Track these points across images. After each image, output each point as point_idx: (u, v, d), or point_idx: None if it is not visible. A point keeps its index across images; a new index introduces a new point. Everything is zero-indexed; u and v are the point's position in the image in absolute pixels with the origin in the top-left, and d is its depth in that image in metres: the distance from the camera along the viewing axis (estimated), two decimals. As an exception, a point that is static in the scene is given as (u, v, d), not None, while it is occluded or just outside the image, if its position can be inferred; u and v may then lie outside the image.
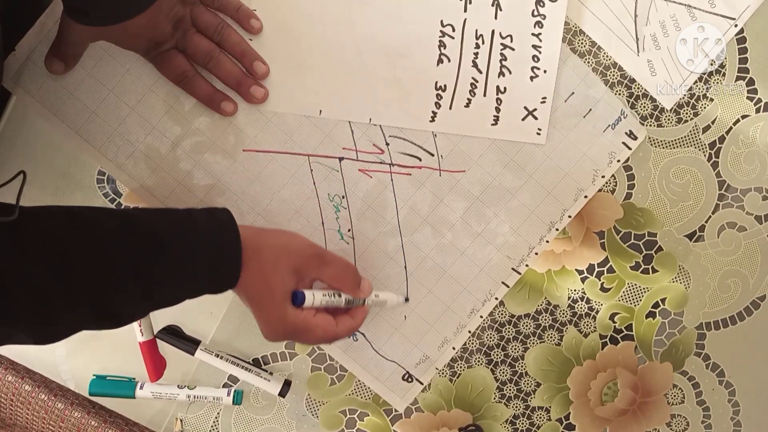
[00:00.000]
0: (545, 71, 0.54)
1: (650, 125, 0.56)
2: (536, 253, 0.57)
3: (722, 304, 0.59)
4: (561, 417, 0.60)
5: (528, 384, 0.59)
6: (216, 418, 0.58)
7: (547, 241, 0.57)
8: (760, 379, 0.61)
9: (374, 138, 0.55)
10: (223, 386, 0.57)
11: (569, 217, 0.57)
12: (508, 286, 0.57)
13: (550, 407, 0.60)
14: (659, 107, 0.56)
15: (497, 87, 0.54)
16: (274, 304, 0.46)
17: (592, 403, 0.60)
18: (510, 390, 0.59)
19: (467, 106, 0.54)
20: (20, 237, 0.39)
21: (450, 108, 0.54)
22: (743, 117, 0.57)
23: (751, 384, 0.61)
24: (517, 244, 0.57)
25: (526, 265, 0.57)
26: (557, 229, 0.57)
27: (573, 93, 0.55)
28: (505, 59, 0.54)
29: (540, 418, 0.60)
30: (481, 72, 0.54)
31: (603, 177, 0.57)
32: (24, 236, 0.39)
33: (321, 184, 0.55)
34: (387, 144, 0.55)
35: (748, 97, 0.57)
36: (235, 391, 0.56)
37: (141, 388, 0.55)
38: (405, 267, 0.56)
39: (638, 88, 0.56)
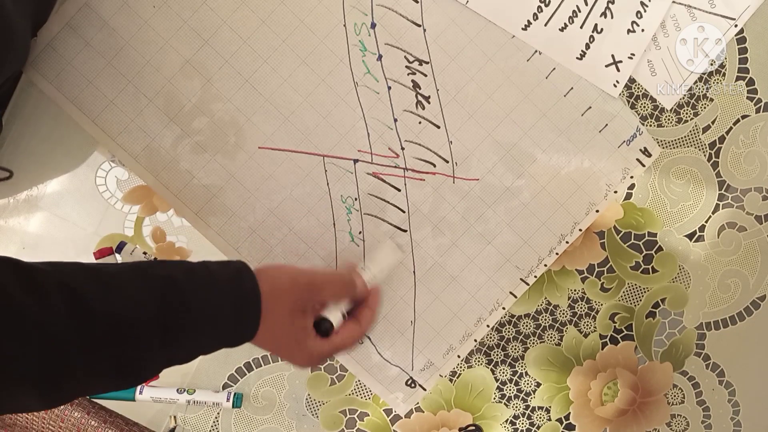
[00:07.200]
0: (643, 30, 0.54)
1: (650, 125, 0.56)
2: (545, 265, 0.57)
3: (722, 304, 0.59)
4: (561, 417, 0.60)
5: (528, 384, 0.59)
6: (216, 418, 0.58)
7: (557, 254, 0.57)
8: (760, 379, 0.61)
9: (390, 142, 0.55)
10: (224, 387, 0.57)
11: (580, 230, 0.57)
12: (515, 296, 0.57)
13: (550, 407, 0.60)
14: (659, 107, 0.56)
15: (595, 25, 0.54)
16: (298, 347, 0.46)
17: (592, 403, 0.60)
18: (510, 390, 0.59)
19: (562, 30, 0.54)
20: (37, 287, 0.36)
21: (545, 25, 0.53)
22: (743, 117, 0.57)
23: (751, 384, 0.61)
24: (527, 255, 0.57)
25: (535, 276, 0.57)
26: (567, 242, 0.57)
27: (590, 107, 0.55)
28: (613, 2, 0.53)
29: (540, 418, 0.60)
30: (586, 4, 0.53)
31: (615, 192, 0.57)
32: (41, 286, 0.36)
33: (334, 185, 0.55)
34: (402, 148, 0.55)
35: (748, 97, 0.56)
36: (234, 394, 0.56)
37: (141, 392, 0.55)
38: (414, 272, 0.56)
39: (638, 88, 0.56)
